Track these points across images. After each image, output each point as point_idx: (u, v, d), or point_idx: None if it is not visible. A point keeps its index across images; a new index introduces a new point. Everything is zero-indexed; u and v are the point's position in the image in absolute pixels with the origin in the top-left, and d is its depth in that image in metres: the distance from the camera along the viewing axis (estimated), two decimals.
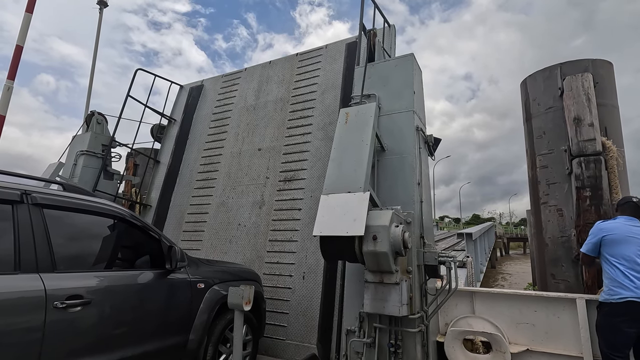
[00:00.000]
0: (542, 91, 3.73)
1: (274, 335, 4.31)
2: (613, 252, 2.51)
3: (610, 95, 3.52)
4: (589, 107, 3.23)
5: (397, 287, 2.44)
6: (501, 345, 3.08)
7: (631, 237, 2.51)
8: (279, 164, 5.32)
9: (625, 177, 3.43)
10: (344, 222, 2.43)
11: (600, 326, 2.59)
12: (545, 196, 3.59)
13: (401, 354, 2.63)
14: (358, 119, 2.98)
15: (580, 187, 3.19)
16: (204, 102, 6.80)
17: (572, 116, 3.31)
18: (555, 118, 3.55)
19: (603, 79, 3.51)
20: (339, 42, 5.76)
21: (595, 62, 3.52)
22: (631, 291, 2.39)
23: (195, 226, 5.65)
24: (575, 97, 3.30)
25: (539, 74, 3.82)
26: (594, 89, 3.29)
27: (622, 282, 2.43)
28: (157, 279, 2.74)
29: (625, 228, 2.55)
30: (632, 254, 2.47)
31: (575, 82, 3.34)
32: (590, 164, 3.18)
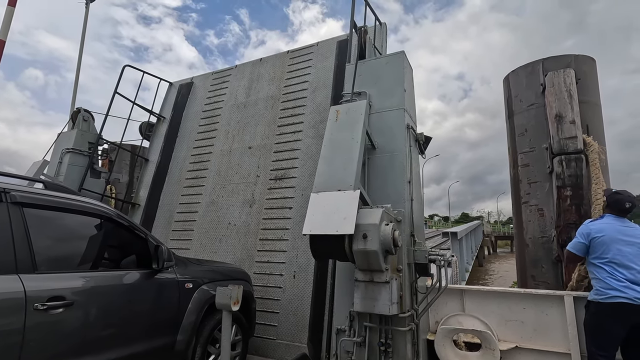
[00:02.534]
0: (525, 87, 3.73)
1: (264, 334, 4.27)
2: (602, 254, 2.52)
3: (592, 92, 3.53)
4: (570, 104, 3.24)
5: (387, 286, 2.42)
6: (491, 343, 3.09)
7: (620, 238, 2.52)
8: (270, 162, 5.28)
9: (607, 176, 3.47)
10: (334, 221, 2.41)
11: (588, 325, 2.62)
12: (526, 195, 3.60)
13: (391, 352, 2.62)
14: (349, 117, 2.96)
15: (561, 186, 3.20)
16: (193, 99, 6.71)
17: (553, 113, 3.31)
18: (538, 115, 3.54)
19: (586, 75, 3.51)
20: (330, 40, 5.73)
21: (578, 58, 3.52)
22: (619, 291, 2.42)
23: (184, 225, 5.58)
24: (557, 93, 3.30)
25: (521, 70, 3.81)
26: (576, 85, 3.30)
27: (610, 283, 2.45)
28: (143, 279, 2.68)
29: (614, 229, 2.55)
30: (620, 255, 2.48)
31: (557, 78, 3.34)
32: (571, 162, 3.19)
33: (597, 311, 2.50)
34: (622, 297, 2.40)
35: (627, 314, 2.41)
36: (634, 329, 2.43)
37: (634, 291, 2.39)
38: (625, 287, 2.41)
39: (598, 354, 2.47)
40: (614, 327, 2.44)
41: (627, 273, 2.45)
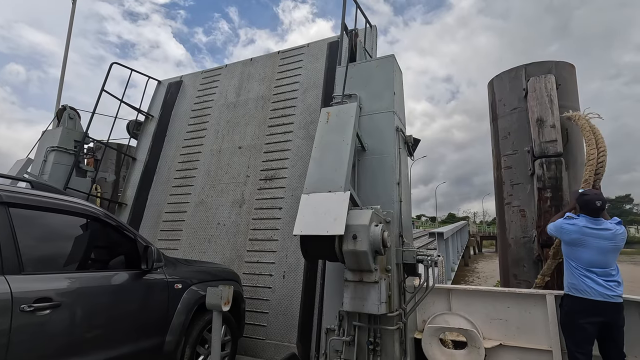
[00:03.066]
0: (508, 91, 3.83)
1: (253, 335, 4.28)
2: (573, 255, 2.66)
3: (572, 97, 3.65)
4: (551, 108, 3.35)
5: (376, 286, 2.47)
6: (476, 341, 3.17)
7: (591, 240, 2.63)
8: (260, 162, 5.28)
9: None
10: (324, 222, 2.44)
11: (563, 324, 2.74)
12: (509, 197, 3.70)
13: (380, 351, 2.67)
14: (339, 119, 2.99)
15: (542, 188, 3.31)
16: (182, 98, 6.65)
17: (535, 117, 3.42)
18: (520, 119, 3.65)
19: (566, 81, 3.62)
20: (321, 41, 5.76)
21: (559, 64, 3.64)
22: (587, 294, 2.56)
23: (173, 225, 5.53)
24: (539, 98, 3.41)
25: (505, 74, 3.91)
26: (556, 90, 3.41)
27: (580, 284, 2.59)
28: (132, 280, 2.66)
29: (587, 231, 2.66)
30: (591, 257, 2.61)
31: (539, 84, 3.44)
32: (551, 165, 3.30)
33: (570, 309, 2.62)
34: (589, 294, 2.54)
35: (596, 310, 2.54)
36: (606, 326, 2.56)
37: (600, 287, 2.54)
38: (591, 289, 2.54)
39: (575, 352, 2.57)
40: (584, 322, 2.57)
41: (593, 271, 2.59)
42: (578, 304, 2.58)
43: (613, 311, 2.56)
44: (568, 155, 3.52)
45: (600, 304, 2.54)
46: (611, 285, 2.56)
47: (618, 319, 2.58)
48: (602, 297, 2.54)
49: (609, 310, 2.55)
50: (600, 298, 2.53)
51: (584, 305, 2.56)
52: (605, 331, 2.58)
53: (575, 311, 2.60)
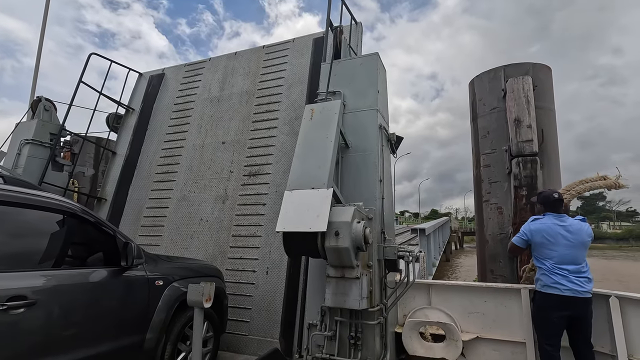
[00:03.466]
0: (488, 92, 3.92)
1: (236, 331, 4.27)
2: (543, 253, 2.77)
3: (548, 99, 3.77)
4: (528, 109, 3.46)
5: (357, 282, 2.51)
6: (454, 334, 3.27)
7: (560, 238, 2.76)
8: (244, 158, 5.24)
9: (558, 174, 3.73)
10: (307, 218, 2.45)
11: (534, 317, 2.85)
12: (487, 194, 3.80)
13: (360, 345, 2.72)
14: (323, 116, 3.01)
15: (518, 186, 3.42)
16: (165, 91, 6.51)
17: (512, 117, 3.52)
18: (499, 118, 3.75)
19: (542, 82, 3.74)
20: (307, 37, 5.74)
21: (536, 66, 3.75)
22: (558, 289, 2.67)
23: (154, 221, 5.44)
24: (516, 99, 3.51)
25: (485, 75, 4.00)
26: (533, 91, 3.52)
27: (552, 278, 2.70)
28: (111, 277, 2.61)
29: (553, 229, 2.78)
30: (560, 254, 2.73)
31: (517, 85, 3.54)
32: (527, 164, 3.41)
33: (542, 304, 2.74)
34: (559, 290, 2.66)
35: (565, 305, 2.67)
36: (575, 319, 2.70)
37: (571, 283, 2.67)
38: (560, 284, 2.66)
39: (545, 345, 2.70)
40: (554, 317, 2.70)
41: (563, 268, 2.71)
42: (549, 300, 2.69)
43: (582, 306, 2.69)
44: (543, 155, 3.64)
45: (570, 299, 2.66)
46: (581, 281, 2.68)
47: (587, 313, 2.71)
48: (571, 293, 2.67)
49: (579, 305, 2.68)
50: (569, 294, 2.65)
51: (554, 301, 2.68)
52: (574, 324, 2.71)
53: (547, 306, 2.71)
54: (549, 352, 2.72)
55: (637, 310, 2.81)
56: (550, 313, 2.73)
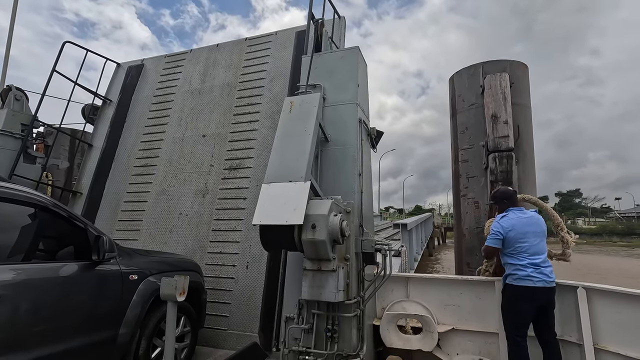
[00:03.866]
0: (467, 88, 3.98)
1: (215, 325, 4.24)
2: (515, 247, 2.83)
3: (524, 96, 3.85)
4: (504, 105, 3.52)
5: (334, 274, 2.52)
6: (430, 326, 3.33)
7: (527, 230, 2.85)
8: (225, 151, 5.17)
9: (533, 170, 3.83)
10: (284, 211, 2.44)
11: (505, 309, 2.92)
12: (464, 189, 3.87)
13: (337, 338, 2.73)
14: (302, 109, 2.99)
15: (494, 181, 3.49)
16: (144, 83, 6.35)
17: (490, 113, 3.59)
18: (477, 114, 3.80)
19: (519, 79, 3.82)
20: (289, 30, 5.69)
21: (513, 63, 3.82)
22: (531, 281, 2.74)
23: (132, 215, 5.32)
24: (494, 95, 3.58)
25: (464, 71, 4.06)
26: (509, 88, 3.59)
27: (523, 270, 2.77)
28: (82, 271, 2.55)
29: (521, 222, 2.88)
30: (531, 247, 2.82)
31: (494, 81, 3.61)
32: (503, 159, 3.49)
33: (513, 295, 2.80)
34: (532, 282, 2.73)
35: (536, 295, 2.75)
36: (541, 309, 2.80)
37: (541, 274, 2.75)
38: (535, 272, 2.74)
39: (515, 336, 2.77)
40: (526, 308, 2.77)
41: (534, 260, 2.79)
42: (522, 292, 2.76)
43: (550, 295, 2.79)
44: (519, 151, 3.72)
45: (540, 289, 2.75)
46: (549, 271, 2.78)
47: (552, 302, 2.82)
48: (542, 284, 2.75)
49: (547, 294, 2.78)
50: (541, 284, 2.73)
51: (527, 293, 2.75)
52: (540, 313, 2.80)
53: (518, 298, 2.78)
54: (519, 343, 2.80)
55: (603, 300, 2.92)
56: (522, 305, 2.80)
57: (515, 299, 2.82)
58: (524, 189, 3.77)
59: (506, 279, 2.88)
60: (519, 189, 3.68)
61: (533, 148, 3.93)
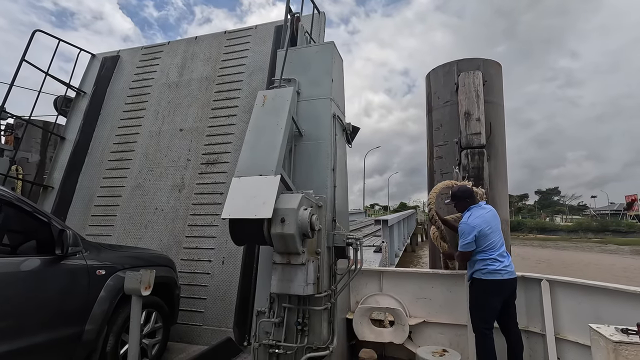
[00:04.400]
0: (442, 85, 4.03)
1: (190, 321, 4.20)
2: (484, 243, 2.87)
3: (497, 94, 3.93)
4: (477, 103, 3.59)
5: (303, 268, 2.52)
6: (402, 319, 3.38)
7: (493, 226, 2.93)
8: (202, 145, 5.11)
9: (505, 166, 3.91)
10: (253, 205, 2.43)
11: (474, 303, 2.97)
12: None
13: (307, 331, 2.75)
14: (275, 103, 2.97)
15: (466, 177, 3.56)
16: (119, 74, 6.19)
17: (463, 110, 3.65)
18: (451, 112, 3.86)
19: (492, 78, 3.89)
20: (269, 24, 5.64)
21: (487, 62, 3.90)
22: (500, 274, 2.81)
23: (106, 210, 5.20)
24: (467, 92, 3.64)
25: (440, 69, 4.11)
26: (482, 86, 3.66)
27: (492, 264, 2.82)
28: (45, 266, 2.48)
29: (486, 218, 2.94)
30: (497, 241, 2.90)
31: (468, 79, 3.67)
32: (475, 155, 3.56)
33: (485, 290, 2.85)
34: (501, 275, 2.80)
35: (505, 288, 2.83)
36: (506, 300, 2.88)
37: (507, 267, 2.84)
38: (502, 268, 2.82)
39: (483, 328, 2.84)
40: (495, 301, 2.84)
41: (500, 254, 2.88)
42: (492, 286, 2.82)
43: (514, 286, 2.87)
44: (490, 147, 3.80)
45: (508, 282, 2.83)
46: (511, 263, 2.86)
47: (515, 293, 2.91)
48: (509, 275, 2.84)
49: (513, 286, 2.86)
50: (507, 276, 2.81)
51: (496, 286, 2.82)
52: (505, 305, 2.88)
53: (489, 292, 2.83)
54: (487, 335, 2.86)
55: (565, 292, 3.03)
56: (492, 298, 2.86)
57: (485, 293, 2.87)
58: (495, 185, 3.86)
59: (474, 273, 2.91)
60: (490, 185, 3.77)
61: (505, 145, 4.01)
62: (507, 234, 3.91)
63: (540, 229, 48.13)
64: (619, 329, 1.45)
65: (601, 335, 1.42)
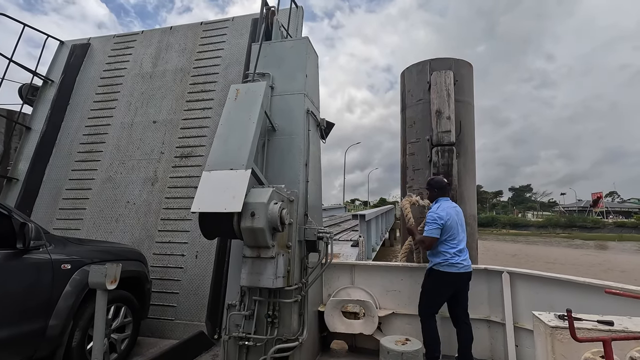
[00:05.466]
0: (416, 83, 4.12)
1: (162, 315, 4.17)
2: (447, 236, 3.00)
3: (467, 93, 4.06)
4: (448, 101, 3.70)
5: (272, 261, 2.55)
6: (371, 311, 3.47)
7: (457, 220, 3.07)
8: (176, 138, 5.03)
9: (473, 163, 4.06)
10: (223, 199, 2.44)
11: (428, 290, 3.11)
12: (411, 181, 4.04)
13: (277, 323, 2.79)
14: (247, 97, 2.97)
15: (436, 174, 3.68)
16: (90, 63, 5.99)
17: (434, 109, 3.76)
18: (424, 110, 3.96)
19: (463, 77, 4.02)
20: (246, 17, 5.58)
21: (458, 62, 4.02)
22: (457, 268, 2.95)
23: (74, 203, 5.05)
24: (438, 91, 3.75)
25: (414, 67, 4.20)
26: (453, 85, 3.78)
27: (453, 257, 2.96)
28: (4, 260, 2.40)
29: (452, 212, 3.07)
30: (458, 234, 3.04)
31: (440, 78, 3.77)
32: (445, 152, 3.68)
33: (440, 280, 2.99)
34: (458, 268, 2.95)
35: (460, 280, 2.99)
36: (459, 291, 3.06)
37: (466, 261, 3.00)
38: (460, 259, 2.97)
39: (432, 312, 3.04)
40: (447, 292, 3.02)
41: (461, 248, 3.02)
42: (447, 277, 2.96)
43: (469, 279, 3.05)
44: (460, 145, 3.93)
45: (464, 275, 3.00)
46: (467, 258, 3.03)
47: (468, 285, 3.08)
48: (465, 269, 2.99)
49: (467, 278, 3.04)
50: (464, 270, 2.96)
51: (452, 278, 2.96)
52: (456, 296, 3.06)
53: (443, 282, 2.99)
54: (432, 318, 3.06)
55: (524, 283, 3.20)
56: (445, 289, 3.02)
57: (441, 283, 3.01)
58: (464, 182, 3.99)
59: (434, 265, 3.04)
60: (459, 181, 3.90)
61: (474, 143, 4.15)
62: (474, 229, 4.06)
63: (512, 224, 50.03)
64: (557, 315, 1.57)
65: (541, 321, 1.53)
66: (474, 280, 3.11)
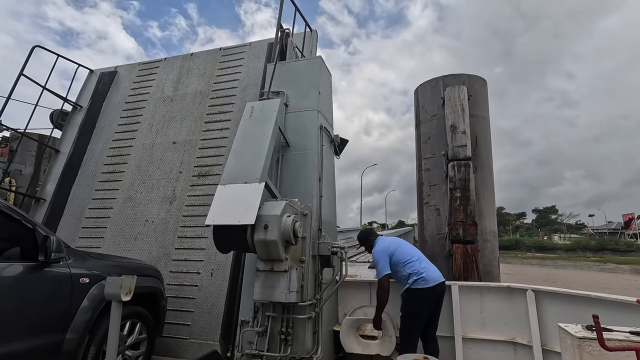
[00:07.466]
0: (429, 100, 4.14)
1: (177, 334, 4.13)
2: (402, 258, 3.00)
3: (482, 108, 4.04)
4: (462, 116, 3.68)
5: (285, 275, 2.52)
6: (388, 330, 3.34)
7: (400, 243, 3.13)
8: (194, 158, 5.16)
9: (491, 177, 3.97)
10: (236, 212, 2.46)
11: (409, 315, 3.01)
12: (427, 197, 3.98)
13: (291, 340, 2.72)
14: (262, 114, 3.05)
15: (453, 189, 3.61)
16: (116, 89, 6.32)
17: (449, 124, 3.74)
18: (438, 125, 3.95)
19: (477, 92, 4.01)
20: (262, 41, 5.80)
21: (472, 77, 4.02)
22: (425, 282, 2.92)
23: (96, 222, 5.20)
24: (453, 106, 3.74)
25: (427, 84, 4.23)
26: (467, 100, 3.76)
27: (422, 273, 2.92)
28: (26, 272, 2.47)
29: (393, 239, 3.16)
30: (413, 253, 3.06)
31: (453, 93, 3.77)
32: (461, 167, 3.62)
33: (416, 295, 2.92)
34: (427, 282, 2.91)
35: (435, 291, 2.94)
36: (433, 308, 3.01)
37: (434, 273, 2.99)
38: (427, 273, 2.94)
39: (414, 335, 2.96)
40: (427, 306, 2.95)
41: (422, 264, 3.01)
42: (423, 293, 2.91)
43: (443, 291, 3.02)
44: (476, 160, 3.86)
45: (438, 286, 2.96)
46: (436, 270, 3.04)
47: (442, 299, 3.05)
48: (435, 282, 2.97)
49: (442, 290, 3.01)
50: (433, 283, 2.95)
51: (428, 292, 2.92)
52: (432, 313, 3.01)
53: (422, 297, 2.92)
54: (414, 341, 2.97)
55: (551, 302, 3.02)
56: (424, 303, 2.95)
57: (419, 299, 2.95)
58: (482, 197, 3.90)
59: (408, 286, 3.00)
60: (477, 196, 3.81)
61: (491, 157, 4.08)
62: (494, 246, 3.92)
63: (538, 247, 47.90)
64: (584, 326, 1.46)
65: (567, 332, 1.43)
66: (495, 298, 2.98)
